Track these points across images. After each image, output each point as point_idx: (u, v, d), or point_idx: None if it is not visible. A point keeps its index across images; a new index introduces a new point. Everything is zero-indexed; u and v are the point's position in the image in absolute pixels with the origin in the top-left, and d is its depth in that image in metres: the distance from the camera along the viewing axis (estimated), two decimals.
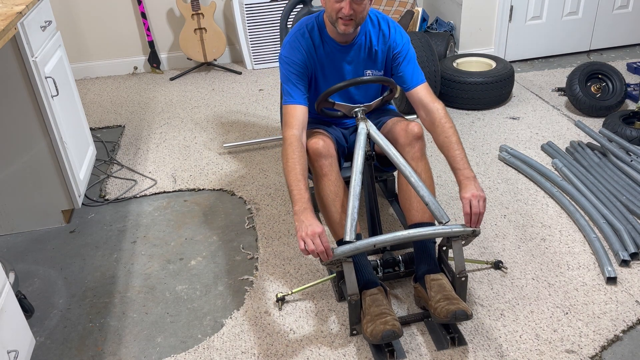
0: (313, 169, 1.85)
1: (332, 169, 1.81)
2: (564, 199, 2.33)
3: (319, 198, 1.84)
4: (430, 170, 1.88)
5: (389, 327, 1.55)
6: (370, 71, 1.95)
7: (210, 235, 2.28)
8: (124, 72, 4.08)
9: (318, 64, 1.92)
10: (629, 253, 1.99)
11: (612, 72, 3.09)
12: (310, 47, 1.88)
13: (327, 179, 1.81)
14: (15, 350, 1.45)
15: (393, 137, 1.91)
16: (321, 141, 1.81)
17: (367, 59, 1.94)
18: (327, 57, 1.91)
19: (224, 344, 1.75)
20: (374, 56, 1.94)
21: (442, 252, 1.80)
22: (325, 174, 1.81)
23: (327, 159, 1.81)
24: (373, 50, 1.93)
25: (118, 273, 2.10)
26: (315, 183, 1.86)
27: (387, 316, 1.60)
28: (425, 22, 3.90)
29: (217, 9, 3.99)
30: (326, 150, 1.81)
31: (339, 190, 1.81)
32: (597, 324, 1.75)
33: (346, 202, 1.78)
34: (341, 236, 1.80)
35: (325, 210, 1.83)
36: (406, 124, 1.88)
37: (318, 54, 1.90)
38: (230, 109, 3.41)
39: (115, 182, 2.69)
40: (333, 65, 1.93)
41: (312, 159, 1.82)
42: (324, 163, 1.81)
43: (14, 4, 2.01)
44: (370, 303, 1.67)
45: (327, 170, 1.81)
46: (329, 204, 1.81)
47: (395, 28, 1.94)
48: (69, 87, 2.41)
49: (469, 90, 3.14)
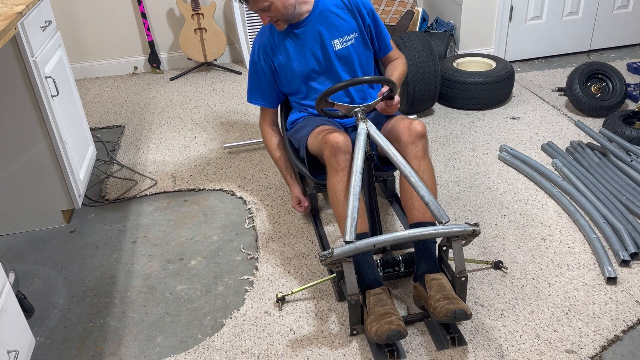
0: (329, 163, 1.85)
1: (347, 165, 1.83)
2: (564, 199, 2.33)
3: (332, 192, 1.83)
4: (433, 170, 1.88)
5: (394, 326, 1.56)
6: (338, 40, 2.04)
7: (210, 235, 2.28)
8: (124, 72, 4.08)
9: (282, 55, 2.04)
10: (629, 253, 1.99)
11: (612, 72, 3.09)
12: (267, 43, 2.05)
13: (343, 174, 1.82)
14: (15, 350, 1.45)
15: (396, 135, 1.91)
16: (342, 136, 1.84)
17: (330, 30, 2.03)
18: (290, 44, 2.02)
19: (224, 344, 1.75)
20: (338, 23, 2.03)
21: (442, 252, 1.80)
22: (342, 169, 1.82)
23: (345, 155, 1.83)
24: (336, 18, 2.03)
25: (118, 273, 2.10)
26: (330, 177, 1.86)
27: (391, 316, 1.60)
28: (425, 22, 3.90)
29: (217, 9, 3.99)
30: (346, 146, 1.83)
31: None
32: (597, 324, 1.75)
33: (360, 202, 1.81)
34: (358, 231, 1.79)
35: (337, 205, 1.83)
36: (409, 122, 1.88)
37: (278, 46, 2.04)
38: (230, 109, 3.41)
39: (115, 182, 2.69)
40: (299, 50, 2.03)
41: (331, 153, 1.83)
42: (342, 158, 1.82)
43: (14, 4, 2.01)
44: (374, 302, 1.67)
45: (344, 165, 1.82)
46: (342, 200, 1.81)
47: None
48: (69, 87, 2.41)
49: (469, 90, 3.14)
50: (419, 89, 3.01)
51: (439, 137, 2.93)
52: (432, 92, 3.06)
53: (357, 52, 2.07)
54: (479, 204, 2.37)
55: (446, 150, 2.80)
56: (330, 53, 2.03)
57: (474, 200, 2.40)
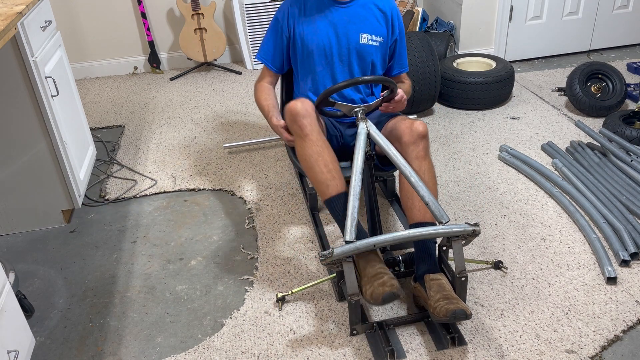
0: (293, 131, 1.87)
1: (312, 128, 1.83)
2: (564, 199, 2.33)
3: (302, 159, 1.85)
4: (434, 170, 1.88)
5: (387, 288, 1.57)
6: (366, 35, 2.06)
7: (210, 235, 2.28)
8: (124, 72, 4.08)
9: (308, 26, 2.05)
10: (629, 253, 1.99)
11: (612, 72, 3.09)
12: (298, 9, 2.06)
13: (308, 139, 1.83)
14: (15, 350, 1.45)
15: (397, 135, 1.91)
16: (299, 103, 1.84)
17: (363, 23, 2.05)
18: (321, 18, 2.04)
19: (224, 344, 1.76)
20: (373, 21, 2.06)
21: (442, 252, 1.80)
22: (306, 134, 1.83)
23: (306, 119, 1.83)
24: (373, 16, 2.06)
25: (118, 273, 2.10)
26: (297, 145, 1.87)
27: (383, 276, 1.62)
28: (425, 22, 3.90)
29: (217, 9, 3.99)
30: (304, 110, 1.83)
31: (322, 150, 1.82)
32: (597, 324, 1.75)
33: (330, 160, 1.82)
34: (328, 195, 1.81)
35: (310, 171, 1.84)
36: (411, 122, 1.88)
37: (307, 15, 2.05)
38: (230, 109, 3.41)
39: (115, 182, 2.69)
40: (327, 26, 2.04)
41: (292, 120, 1.84)
42: (303, 122, 1.83)
43: (14, 4, 2.01)
44: (364, 265, 1.68)
45: (309, 130, 1.82)
46: (313, 164, 1.82)
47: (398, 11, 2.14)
48: (69, 87, 2.41)
49: (469, 90, 3.14)
50: (419, 89, 3.01)
51: (439, 137, 2.93)
52: (432, 92, 3.06)
53: (376, 54, 2.10)
54: (479, 204, 2.37)
55: (446, 150, 2.80)
56: (354, 42, 2.06)
57: (474, 200, 2.40)
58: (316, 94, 2.13)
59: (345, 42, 2.06)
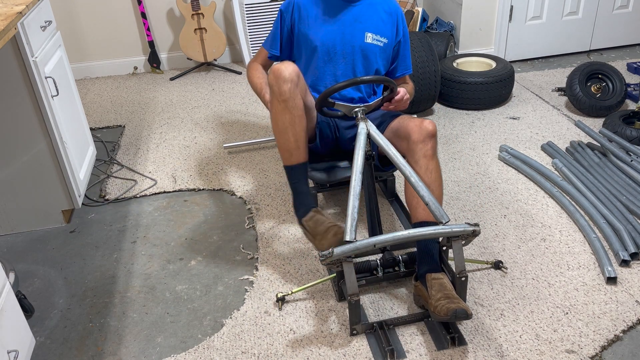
0: (272, 91, 1.82)
1: (292, 96, 1.79)
2: (564, 199, 2.33)
3: (274, 122, 1.83)
4: (440, 169, 1.88)
5: (339, 236, 1.72)
6: (371, 34, 2.06)
7: (210, 235, 2.28)
8: (124, 72, 4.08)
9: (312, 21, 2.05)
10: (629, 253, 1.99)
11: (612, 72, 3.09)
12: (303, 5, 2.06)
13: (285, 105, 1.79)
14: (15, 350, 1.45)
15: (405, 133, 1.91)
16: (286, 67, 1.79)
17: (369, 22, 2.06)
18: (327, 16, 2.04)
19: (224, 344, 1.76)
20: (379, 22, 2.07)
21: (442, 252, 1.80)
22: (284, 99, 1.79)
23: (287, 84, 1.78)
24: (379, 17, 2.07)
25: (118, 273, 2.10)
26: (272, 106, 1.84)
27: (333, 228, 1.75)
28: (425, 22, 3.90)
29: (217, 9, 3.99)
30: (290, 77, 1.78)
31: (294, 119, 1.80)
32: (597, 324, 1.75)
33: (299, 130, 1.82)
34: (295, 161, 1.84)
35: (278, 135, 1.83)
36: (420, 121, 1.88)
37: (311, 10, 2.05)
38: (230, 109, 3.41)
39: (115, 182, 2.69)
40: (332, 23, 2.05)
41: (273, 82, 1.80)
42: (284, 88, 1.78)
43: (14, 4, 2.01)
44: (313, 226, 1.79)
45: (287, 96, 1.79)
46: (282, 131, 1.82)
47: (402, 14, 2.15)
48: (69, 87, 2.41)
49: (469, 90, 3.14)
50: (419, 89, 3.01)
51: (439, 137, 2.93)
52: (432, 92, 3.06)
53: (379, 54, 2.11)
54: (479, 204, 2.37)
55: (446, 150, 2.80)
56: (359, 41, 2.07)
57: (474, 200, 2.40)
58: (315, 91, 2.13)
59: (350, 40, 2.07)
